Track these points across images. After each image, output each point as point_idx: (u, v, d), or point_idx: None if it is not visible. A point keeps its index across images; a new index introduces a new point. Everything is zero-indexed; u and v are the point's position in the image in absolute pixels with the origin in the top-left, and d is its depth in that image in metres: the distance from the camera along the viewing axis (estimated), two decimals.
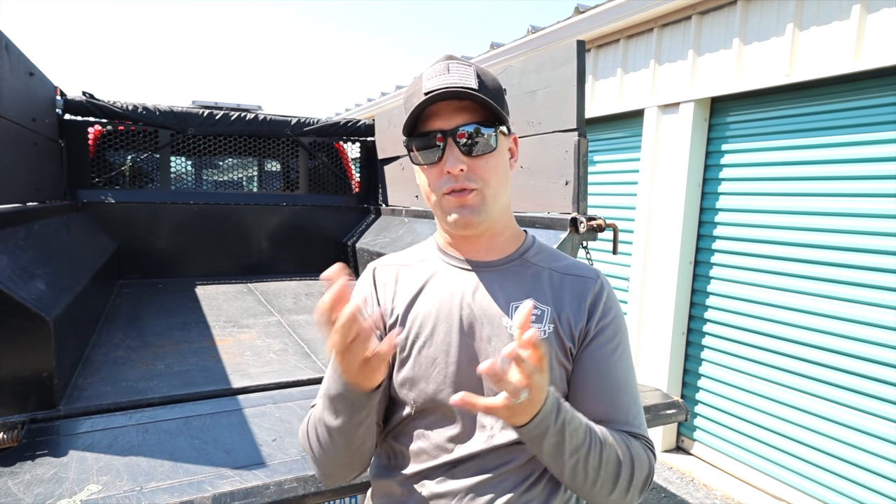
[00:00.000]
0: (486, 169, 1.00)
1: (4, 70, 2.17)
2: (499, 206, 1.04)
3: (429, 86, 0.98)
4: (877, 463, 3.12)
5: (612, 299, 1.06)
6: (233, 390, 1.83)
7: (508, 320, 1.01)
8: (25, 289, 1.62)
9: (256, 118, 3.89)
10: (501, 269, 1.07)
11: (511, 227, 1.10)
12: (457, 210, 1.00)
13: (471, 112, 0.99)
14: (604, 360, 1.01)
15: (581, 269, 1.08)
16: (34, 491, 1.22)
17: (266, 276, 3.97)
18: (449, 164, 0.97)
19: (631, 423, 1.01)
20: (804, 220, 3.46)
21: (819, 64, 3.25)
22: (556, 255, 1.11)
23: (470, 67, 1.00)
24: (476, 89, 0.96)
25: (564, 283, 1.05)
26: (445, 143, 0.98)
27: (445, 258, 1.11)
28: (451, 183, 0.99)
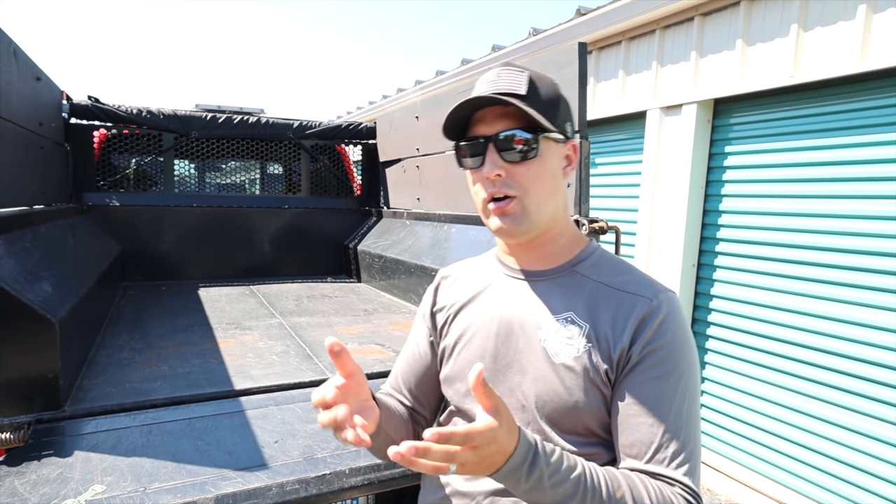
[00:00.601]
0: (527, 176, 0.98)
1: (12, 75, 2.19)
2: (545, 215, 1.01)
3: (478, 91, 1.00)
4: (881, 468, 3.11)
5: (669, 324, 0.94)
6: (235, 392, 1.84)
7: (544, 333, 0.99)
8: (32, 291, 1.63)
9: (259, 121, 3.91)
10: (548, 279, 1.05)
11: (566, 235, 1.07)
12: (498, 218, 1.01)
13: (513, 118, 0.98)
14: (641, 386, 0.92)
15: (638, 287, 0.99)
16: (40, 491, 1.23)
17: (268, 278, 3.98)
18: (486, 168, 0.99)
19: (661, 462, 0.89)
20: (809, 222, 3.46)
21: (824, 64, 3.25)
22: (617, 269, 1.04)
23: (523, 74, 0.99)
24: (524, 95, 0.96)
25: (614, 299, 0.98)
26: (486, 148, 0.99)
27: (500, 266, 1.14)
28: (490, 188, 1.00)
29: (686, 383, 0.93)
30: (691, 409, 0.93)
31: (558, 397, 0.95)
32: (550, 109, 0.99)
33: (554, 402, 0.96)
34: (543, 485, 0.81)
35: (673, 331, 0.94)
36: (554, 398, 0.96)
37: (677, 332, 0.94)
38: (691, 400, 0.93)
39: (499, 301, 1.08)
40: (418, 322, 1.25)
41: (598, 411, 0.95)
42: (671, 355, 0.93)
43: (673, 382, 0.92)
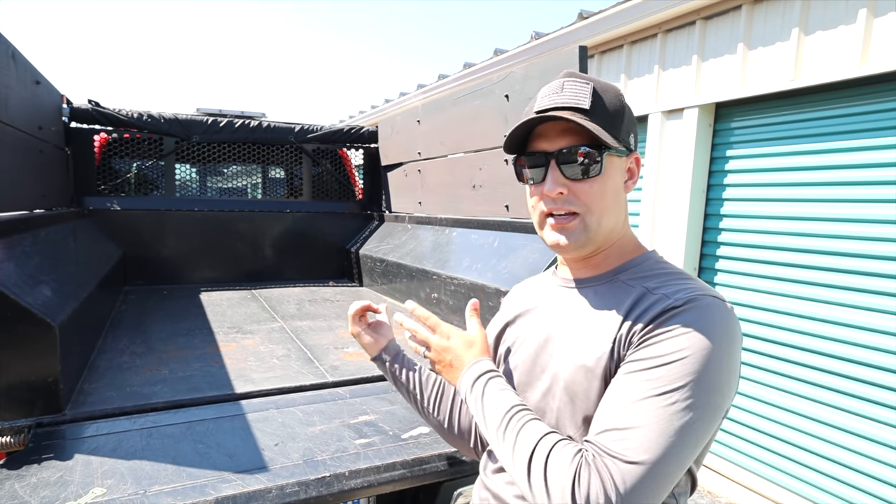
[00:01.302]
0: (590, 193, 0.97)
1: (11, 79, 2.20)
2: (604, 232, 1.00)
3: (540, 104, 0.98)
4: (882, 470, 3.10)
5: (687, 322, 0.85)
6: (236, 395, 1.84)
7: (577, 338, 0.98)
8: (32, 295, 1.63)
9: (260, 125, 3.92)
10: (589, 286, 1.05)
11: (619, 246, 1.05)
12: (556, 233, 1.00)
13: (577, 134, 0.96)
14: (621, 372, 0.87)
15: (673, 289, 0.91)
16: (40, 494, 1.23)
17: (270, 282, 3.98)
18: (548, 187, 0.98)
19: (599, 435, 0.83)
20: (810, 226, 3.46)
21: (825, 68, 3.25)
22: (662, 275, 0.98)
23: (587, 86, 0.97)
24: (587, 109, 0.94)
25: (644, 301, 0.92)
26: (548, 165, 0.98)
27: (554, 276, 1.16)
28: (550, 205, 1.00)
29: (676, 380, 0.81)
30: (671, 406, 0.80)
31: (579, 400, 0.95)
32: (614, 123, 0.97)
33: (576, 405, 0.96)
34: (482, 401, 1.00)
35: (685, 327, 0.85)
36: (575, 401, 0.96)
37: (690, 330, 0.84)
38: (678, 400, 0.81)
39: (548, 310, 1.10)
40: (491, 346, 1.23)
41: None
42: (670, 348, 0.84)
43: (658, 375, 0.82)
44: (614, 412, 0.83)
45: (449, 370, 1.12)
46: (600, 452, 0.81)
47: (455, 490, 1.48)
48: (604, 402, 0.87)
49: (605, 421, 0.84)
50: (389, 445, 1.54)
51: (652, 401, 0.81)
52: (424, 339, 1.17)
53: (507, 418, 0.94)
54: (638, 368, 0.85)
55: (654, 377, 0.83)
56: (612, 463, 0.79)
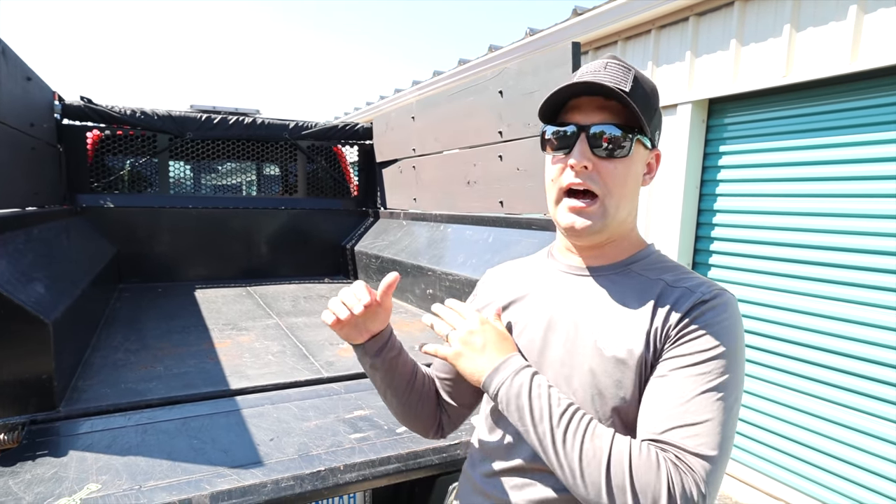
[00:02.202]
0: (613, 175, 0.96)
1: (2, 75, 2.19)
2: (618, 219, 0.99)
3: (580, 78, 0.96)
4: (877, 464, 3.13)
5: (715, 316, 0.90)
6: (231, 391, 1.84)
7: (596, 327, 0.97)
8: (25, 292, 1.63)
9: (254, 122, 3.91)
10: (603, 276, 1.03)
11: (629, 237, 1.05)
12: (573, 215, 0.98)
13: (612, 112, 0.96)
14: (667, 368, 0.89)
15: (695, 284, 0.95)
16: (35, 490, 1.23)
17: (265, 279, 3.98)
18: (574, 158, 0.96)
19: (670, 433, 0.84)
20: (802, 220, 3.48)
21: (816, 65, 3.26)
22: (673, 269, 1.01)
23: (629, 71, 0.97)
24: (627, 91, 0.93)
25: (665, 296, 0.95)
26: (577, 138, 0.96)
27: (554, 262, 1.12)
28: (570, 178, 0.97)
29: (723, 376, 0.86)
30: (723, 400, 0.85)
31: (608, 391, 0.93)
32: (648, 113, 0.97)
33: (604, 396, 0.94)
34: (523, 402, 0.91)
35: (718, 323, 0.90)
36: (604, 392, 0.94)
37: (722, 325, 0.90)
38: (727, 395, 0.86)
39: (551, 296, 1.06)
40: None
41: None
42: (709, 343, 0.88)
43: (705, 369, 0.87)
44: (676, 409, 0.85)
45: (477, 354, 0.99)
46: (682, 452, 0.82)
47: (450, 484, 1.49)
48: (657, 399, 0.88)
49: (669, 418, 0.85)
50: (384, 440, 1.54)
51: (708, 395, 0.85)
52: (453, 323, 1.05)
53: (564, 420, 0.87)
54: (686, 364, 0.87)
55: (704, 371, 0.86)
56: (694, 460, 0.81)
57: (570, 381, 0.97)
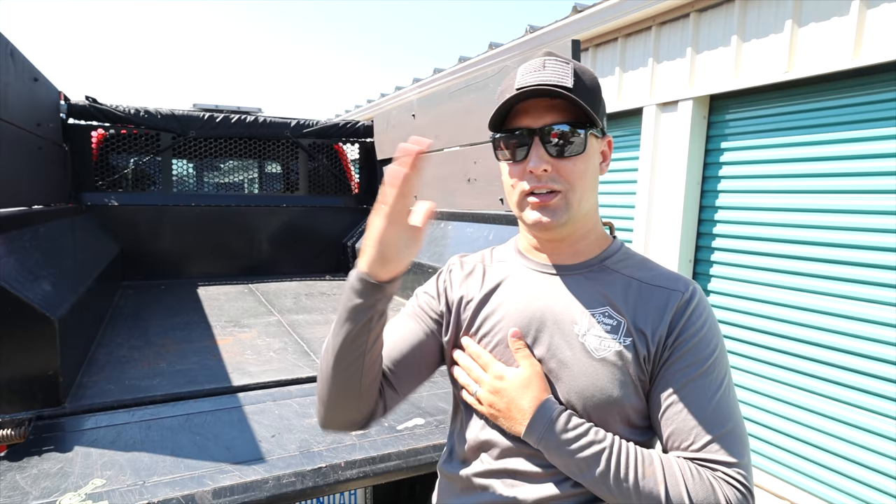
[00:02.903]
0: (573, 172, 0.96)
1: (10, 76, 2.21)
2: (583, 211, 0.99)
3: (522, 81, 0.95)
4: (882, 462, 3.13)
5: (701, 314, 0.95)
6: (233, 388, 1.86)
7: (581, 327, 0.97)
8: (32, 290, 1.65)
9: (256, 120, 3.93)
10: (579, 274, 1.02)
11: (595, 231, 1.05)
12: (538, 211, 0.97)
13: (561, 111, 0.95)
14: (681, 377, 0.91)
15: (669, 281, 0.98)
16: (41, 485, 1.25)
17: (267, 276, 4.00)
18: (533, 163, 0.95)
19: (703, 449, 0.89)
20: (804, 217, 3.48)
21: (818, 60, 3.26)
22: (645, 264, 1.03)
23: (568, 65, 0.96)
24: (571, 88, 0.93)
25: (647, 294, 0.97)
26: (532, 142, 0.96)
27: (524, 261, 1.09)
28: (533, 182, 0.96)
29: (721, 369, 0.93)
30: (728, 393, 0.92)
31: (600, 392, 0.93)
32: (595, 105, 0.96)
33: (596, 398, 0.94)
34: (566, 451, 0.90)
35: (705, 320, 0.94)
36: (596, 393, 0.94)
37: (708, 320, 0.95)
38: (728, 385, 0.93)
39: (526, 295, 1.04)
40: (421, 301, 1.16)
41: (639, 404, 0.95)
42: (706, 345, 0.93)
43: (709, 370, 0.92)
44: (703, 420, 0.90)
45: (506, 416, 0.97)
46: (725, 466, 0.88)
47: None
48: (682, 412, 0.91)
49: (700, 432, 0.89)
50: (385, 436, 1.56)
51: (722, 396, 0.91)
52: (477, 377, 1.03)
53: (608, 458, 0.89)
54: (696, 372, 0.92)
55: (711, 374, 0.92)
56: (734, 471, 0.87)
57: (560, 383, 0.97)
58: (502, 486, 0.99)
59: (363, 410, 1.03)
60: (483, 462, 1.03)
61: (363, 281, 0.92)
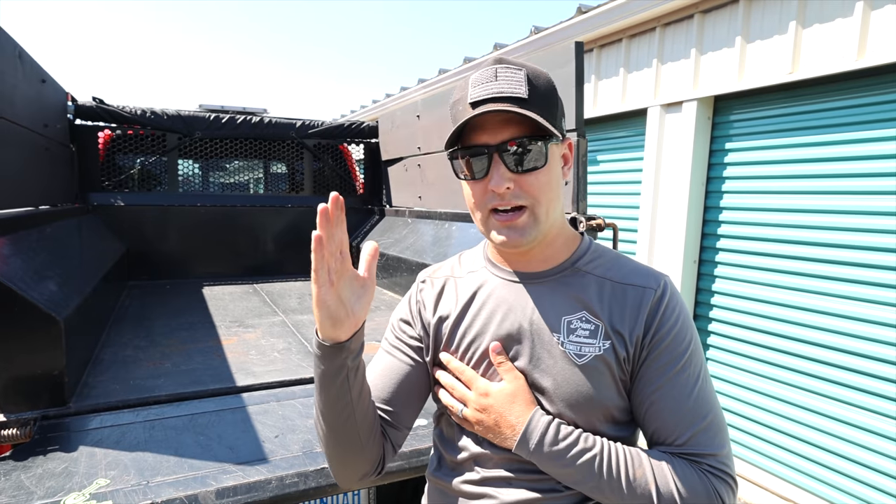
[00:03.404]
0: (536, 185, 0.93)
1: (18, 78, 2.23)
2: (551, 221, 0.97)
3: (475, 94, 0.92)
4: (884, 462, 3.12)
5: (675, 309, 0.95)
6: (237, 388, 1.87)
7: (560, 335, 0.96)
8: (38, 290, 1.67)
9: (262, 121, 3.94)
10: (552, 279, 1.01)
11: (563, 234, 1.03)
12: (505, 231, 0.95)
13: (518, 123, 0.92)
14: (662, 375, 0.93)
15: (641, 278, 0.98)
16: (46, 484, 1.26)
17: (271, 276, 4.01)
18: (494, 182, 0.92)
19: (692, 444, 0.91)
20: (808, 218, 3.47)
21: (822, 61, 3.25)
22: (616, 262, 1.02)
23: (520, 72, 0.92)
24: (525, 99, 0.90)
25: (621, 293, 0.97)
26: (491, 159, 0.92)
27: (495, 270, 1.06)
28: (496, 200, 0.93)
29: (698, 361, 0.95)
30: (706, 384, 0.94)
31: (585, 397, 0.94)
32: (551, 110, 0.94)
33: (581, 402, 0.94)
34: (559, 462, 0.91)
35: (679, 315, 0.95)
36: (580, 398, 0.94)
37: (681, 315, 0.96)
38: (704, 376, 0.95)
39: (501, 306, 1.02)
40: (398, 330, 1.14)
41: (623, 403, 0.96)
42: (682, 339, 0.94)
43: (686, 364, 0.93)
44: (685, 415, 0.92)
45: (495, 432, 0.96)
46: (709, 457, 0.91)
47: None
48: (664, 409, 0.93)
49: (683, 426, 0.92)
50: None
51: (699, 390, 0.93)
52: (462, 396, 1.01)
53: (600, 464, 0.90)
54: (674, 370, 0.93)
55: (689, 368, 0.94)
56: (717, 461, 0.91)
57: (544, 392, 0.97)
58: (498, 492, 0.98)
59: (373, 460, 1.03)
60: (478, 472, 1.01)
61: (322, 346, 0.91)
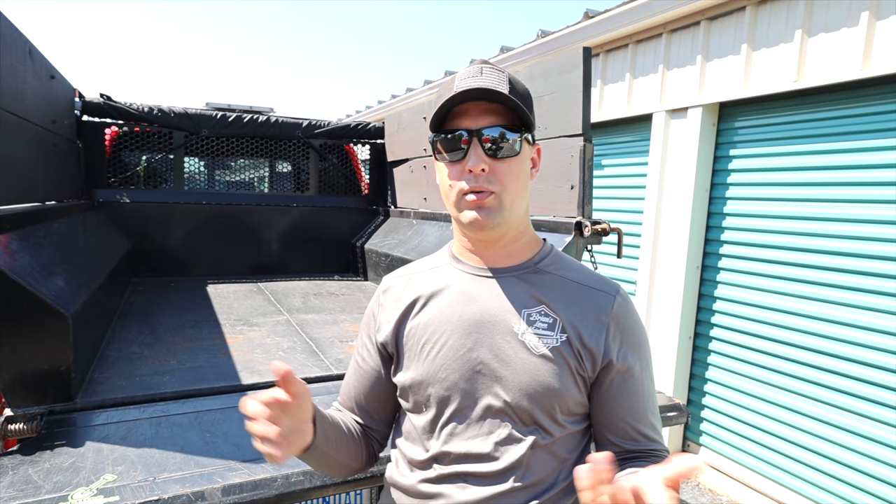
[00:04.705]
0: (507, 173, 1.01)
1: (28, 74, 2.24)
2: (516, 213, 1.04)
3: (461, 86, 1.00)
4: (885, 471, 3.12)
5: (633, 315, 1.06)
6: (242, 387, 1.88)
7: (520, 326, 1.02)
8: (46, 285, 1.68)
9: (268, 120, 3.96)
10: (515, 275, 1.07)
11: (527, 234, 1.11)
12: (474, 210, 1.01)
13: (498, 115, 1.01)
14: (633, 385, 1.03)
15: (599, 283, 1.07)
16: (53, 479, 1.27)
17: (276, 275, 4.03)
18: (471, 162, 0.99)
19: (657, 441, 1.05)
20: (812, 225, 3.47)
21: (827, 70, 3.26)
22: (574, 266, 1.11)
23: (503, 73, 1.02)
24: (507, 94, 0.98)
25: (581, 294, 1.05)
26: (470, 143, 1.00)
27: (458, 265, 1.12)
28: (471, 182, 1.00)
29: (650, 365, 1.08)
30: (653, 384, 1.08)
31: (542, 386, 0.99)
32: (529, 110, 1.03)
33: (539, 392, 0.99)
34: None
35: (636, 320, 1.07)
36: (538, 388, 0.99)
37: (637, 320, 1.07)
38: (653, 377, 1.08)
39: (464, 299, 1.07)
40: (365, 330, 1.20)
41: (580, 396, 1.02)
42: (641, 343, 1.06)
43: (645, 366, 1.06)
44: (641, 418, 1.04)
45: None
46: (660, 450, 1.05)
47: None
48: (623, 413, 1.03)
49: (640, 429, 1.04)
50: None
51: (650, 392, 1.07)
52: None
53: None
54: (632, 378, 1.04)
55: (644, 372, 1.06)
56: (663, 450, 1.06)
57: (504, 381, 1.01)
58: (455, 489, 1.01)
59: (362, 461, 1.16)
60: (436, 470, 1.04)
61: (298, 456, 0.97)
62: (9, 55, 2.00)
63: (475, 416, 1.02)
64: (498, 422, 1.01)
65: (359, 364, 1.20)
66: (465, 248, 1.11)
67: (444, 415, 1.04)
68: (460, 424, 1.03)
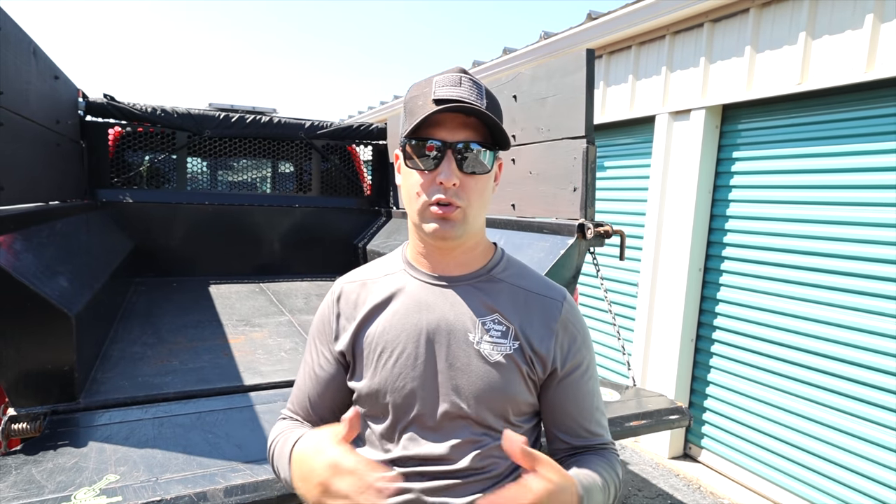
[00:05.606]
0: (475, 190, 1.02)
1: (32, 74, 2.25)
2: (477, 225, 1.06)
3: (440, 94, 0.99)
4: (879, 471, 3.12)
5: (579, 319, 1.11)
6: (245, 387, 1.89)
7: (475, 335, 1.04)
8: (49, 285, 1.68)
9: (271, 121, 3.96)
10: (468, 284, 1.09)
11: (482, 242, 1.13)
12: (437, 221, 1.00)
13: (474, 130, 1.00)
14: (579, 385, 1.08)
15: (547, 289, 1.11)
16: (56, 479, 1.28)
17: (278, 276, 4.03)
18: (444, 175, 0.98)
19: (603, 436, 1.11)
20: (815, 228, 3.47)
21: (831, 73, 3.25)
22: (523, 272, 1.14)
23: (480, 86, 1.02)
24: (483, 109, 0.98)
25: (531, 301, 1.08)
26: (444, 156, 0.99)
27: (412, 272, 1.12)
28: (439, 194, 0.99)
29: (594, 365, 1.13)
30: (598, 383, 1.14)
31: (497, 392, 1.03)
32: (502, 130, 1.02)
33: (493, 397, 1.03)
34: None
35: (581, 324, 1.11)
36: (492, 393, 1.03)
37: (583, 324, 1.12)
38: (596, 372, 1.14)
39: (420, 308, 1.07)
40: (320, 337, 1.17)
41: (531, 399, 1.07)
42: (587, 346, 1.11)
43: (590, 366, 1.11)
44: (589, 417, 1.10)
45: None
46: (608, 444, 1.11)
47: None
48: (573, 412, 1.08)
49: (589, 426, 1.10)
50: None
51: (597, 391, 1.12)
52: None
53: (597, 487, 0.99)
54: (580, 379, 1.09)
55: (591, 373, 1.11)
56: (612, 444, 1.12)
57: (460, 389, 1.03)
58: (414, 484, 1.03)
59: None
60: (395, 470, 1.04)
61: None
62: (13, 55, 2.01)
63: (433, 422, 1.04)
64: (455, 426, 1.03)
65: (315, 372, 1.17)
66: (420, 253, 1.11)
67: (402, 421, 1.06)
68: (419, 430, 1.05)
